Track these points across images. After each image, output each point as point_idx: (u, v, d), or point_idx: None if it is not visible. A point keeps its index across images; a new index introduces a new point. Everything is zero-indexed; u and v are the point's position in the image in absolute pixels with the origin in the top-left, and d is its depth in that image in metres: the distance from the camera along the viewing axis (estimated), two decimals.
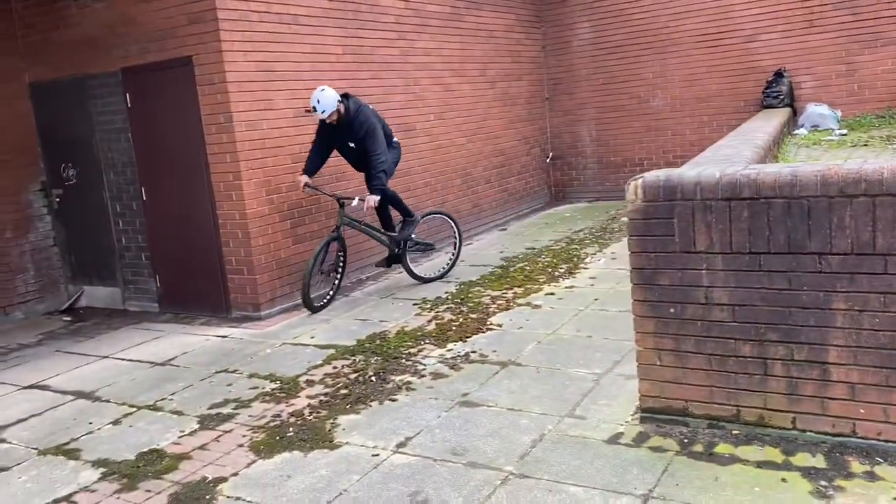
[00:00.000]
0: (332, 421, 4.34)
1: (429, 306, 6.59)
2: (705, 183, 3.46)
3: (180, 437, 4.35)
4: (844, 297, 3.24)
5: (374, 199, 6.69)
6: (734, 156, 4.41)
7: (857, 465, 3.22)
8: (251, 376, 5.26)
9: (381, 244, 7.46)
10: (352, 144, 6.74)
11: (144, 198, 7.17)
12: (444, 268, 7.70)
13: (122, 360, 5.94)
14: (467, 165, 9.81)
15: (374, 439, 4.04)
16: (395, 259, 7.35)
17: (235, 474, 3.81)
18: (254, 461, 3.94)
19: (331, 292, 6.89)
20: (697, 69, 10.63)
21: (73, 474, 4.00)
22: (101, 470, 4.01)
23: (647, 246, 3.66)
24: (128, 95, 7.01)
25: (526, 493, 3.33)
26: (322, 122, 6.62)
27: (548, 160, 11.83)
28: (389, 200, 7.17)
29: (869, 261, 3.17)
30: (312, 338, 6.02)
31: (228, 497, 3.59)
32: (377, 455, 3.85)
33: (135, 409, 4.85)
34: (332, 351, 5.62)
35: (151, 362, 5.79)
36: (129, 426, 4.59)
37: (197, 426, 4.48)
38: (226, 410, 4.68)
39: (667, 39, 10.73)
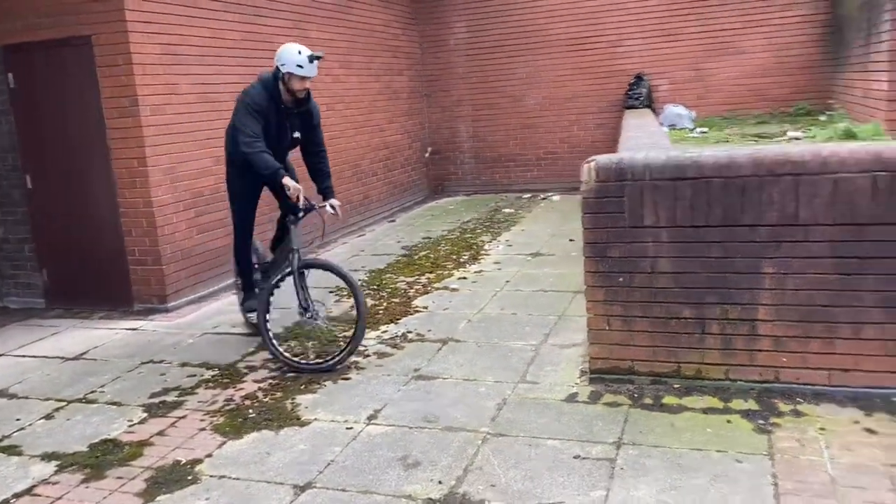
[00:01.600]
0: (290, 401, 4.38)
1: (346, 293, 6.66)
2: (653, 165, 3.90)
3: (131, 426, 4.20)
4: (772, 262, 3.80)
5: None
6: (656, 144, 4.94)
7: (783, 406, 3.79)
8: (183, 365, 5.13)
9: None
10: (297, 135, 5.12)
11: (29, 185, 6.67)
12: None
13: (24, 356, 5.54)
14: (356, 157, 9.91)
15: (342, 414, 4.15)
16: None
17: (209, 455, 3.77)
18: (224, 442, 3.91)
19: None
20: (567, 71, 11.40)
21: (22, 469, 3.77)
22: (55, 463, 3.81)
23: (600, 222, 4.06)
24: (10, 75, 6.49)
25: (508, 449, 3.60)
26: (271, 104, 4.87)
27: (427, 154, 12.16)
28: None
29: (792, 231, 3.74)
30: (234, 327, 5.94)
31: (211, 476, 3.56)
32: (351, 428, 3.97)
33: (64, 403, 4.59)
34: (261, 339, 5.56)
35: (61, 357, 5.46)
36: (65, 420, 4.35)
37: (145, 415, 4.34)
38: (170, 398, 4.56)
39: (539, 41, 11.41)
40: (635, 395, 4.05)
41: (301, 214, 5.05)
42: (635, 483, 3.20)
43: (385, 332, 5.51)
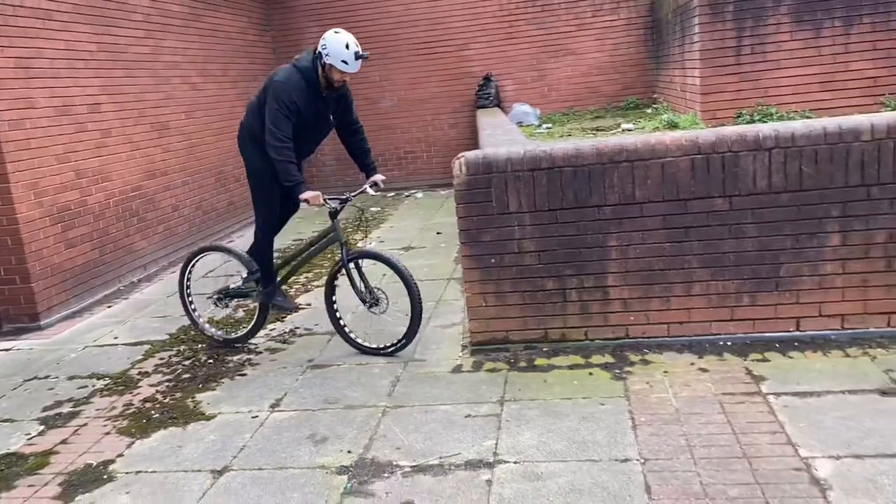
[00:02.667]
0: (191, 399, 4.57)
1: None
2: (514, 158, 4.45)
3: (30, 439, 4.23)
4: (616, 236, 4.46)
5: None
6: (514, 140, 5.52)
7: (633, 357, 4.47)
8: (71, 378, 5.14)
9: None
10: (332, 117, 4.94)
11: None
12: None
13: None
14: (219, 164, 9.94)
15: (245, 406, 4.40)
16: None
17: (121, 455, 3.92)
18: (132, 442, 4.06)
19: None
20: (419, 74, 11.94)
21: None
22: None
23: (472, 211, 4.56)
24: None
25: (407, 417, 4.02)
26: (308, 92, 4.67)
27: None
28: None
29: (631, 208, 4.41)
30: (116, 338, 5.96)
31: (127, 472, 3.72)
32: (257, 417, 4.23)
33: None
34: (147, 346, 5.67)
35: None
36: None
37: (42, 427, 4.37)
38: (65, 410, 4.60)
39: (390, 46, 11.87)
40: (511, 361, 4.59)
41: (340, 208, 5.00)
42: (520, 430, 3.73)
43: (273, 329, 5.76)
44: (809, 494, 2.99)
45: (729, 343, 4.49)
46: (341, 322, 5.10)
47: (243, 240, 9.49)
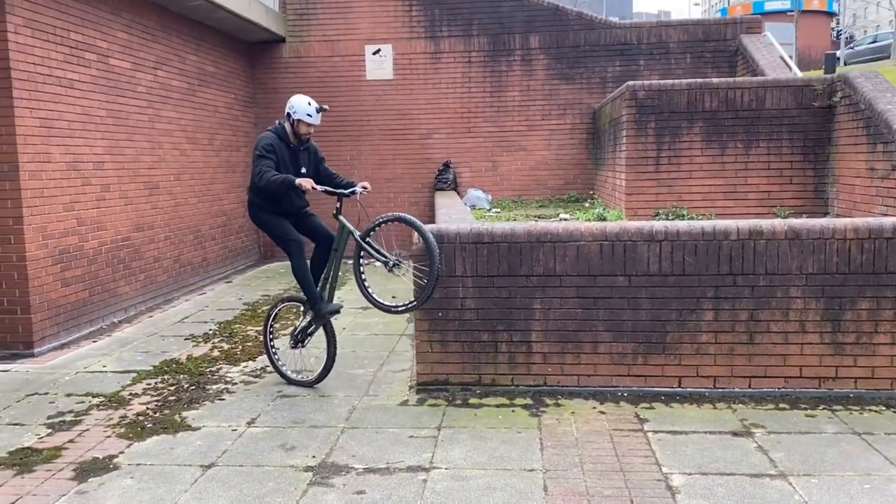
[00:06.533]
0: (178, 415, 5.41)
1: (202, 340, 7.68)
2: (462, 232, 5.56)
3: (40, 438, 5.01)
4: (540, 300, 5.55)
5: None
6: (463, 219, 6.65)
7: (549, 400, 5.49)
8: (69, 395, 5.92)
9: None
10: (304, 170, 6.02)
11: None
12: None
13: None
14: (197, 223, 10.88)
15: (226, 422, 5.26)
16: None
17: (122, 452, 4.74)
18: (131, 444, 4.88)
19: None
20: (386, 156, 13.19)
21: None
22: None
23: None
24: None
25: (361, 435, 4.95)
26: (282, 144, 5.88)
27: None
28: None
29: (552, 279, 5.52)
30: (105, 367, 6.75)
31: (129, 464, 4.55)
32: (236, 430, 5.11)
33: None
34: (134, 374, 6.48)
35: None
36: None
37: (50, 430, 5.16)
38: (68, 418, 5.39)
39: (362, 131, 13.14)
40: (450, 399, 5.57)
41: (339, 205, 6.01)
42: (451, 448, 4.69)
43: (246, 366, 6.64)
44: (663, 496, 4.01)
45: (625, 394, 5.56)
46: (370, 290, 5.80)
47: (214, 292, 10.38)
